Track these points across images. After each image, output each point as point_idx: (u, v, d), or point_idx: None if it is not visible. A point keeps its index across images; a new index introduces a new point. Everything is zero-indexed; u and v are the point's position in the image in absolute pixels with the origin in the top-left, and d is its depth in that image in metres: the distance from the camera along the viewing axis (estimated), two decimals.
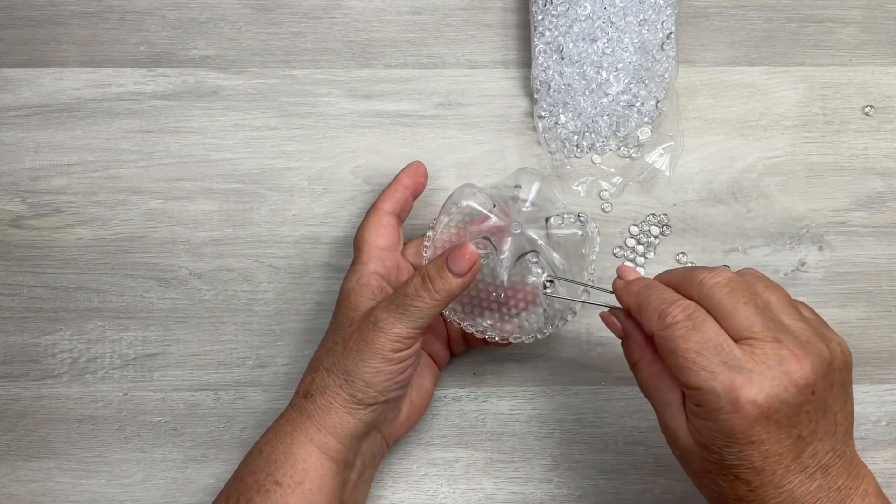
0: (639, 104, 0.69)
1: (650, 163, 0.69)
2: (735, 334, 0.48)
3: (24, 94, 0.71)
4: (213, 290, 0.68)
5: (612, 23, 0.68)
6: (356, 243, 0.61)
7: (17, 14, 0.72)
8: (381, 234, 0.61)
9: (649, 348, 0.52)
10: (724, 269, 0.51)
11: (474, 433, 0.66)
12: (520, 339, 0.60)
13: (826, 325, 0.51)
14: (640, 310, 0.51)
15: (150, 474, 0.65)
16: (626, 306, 0.53)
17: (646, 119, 0.69)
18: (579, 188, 0.69)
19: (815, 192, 0.70)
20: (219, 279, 0.68)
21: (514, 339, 0.60)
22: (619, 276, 0.55)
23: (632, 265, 0.68)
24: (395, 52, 0.72)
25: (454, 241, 0.60)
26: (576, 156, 0.70)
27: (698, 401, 0.47)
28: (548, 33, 0.69)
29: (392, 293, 0.56)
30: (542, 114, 0.69)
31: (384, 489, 0.65)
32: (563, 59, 0.68)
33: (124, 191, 0.69)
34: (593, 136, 0.69)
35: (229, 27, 0.72)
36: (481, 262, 0.57)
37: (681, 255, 0.68)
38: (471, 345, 0.65)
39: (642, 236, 0.69)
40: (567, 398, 0.66)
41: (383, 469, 0.65)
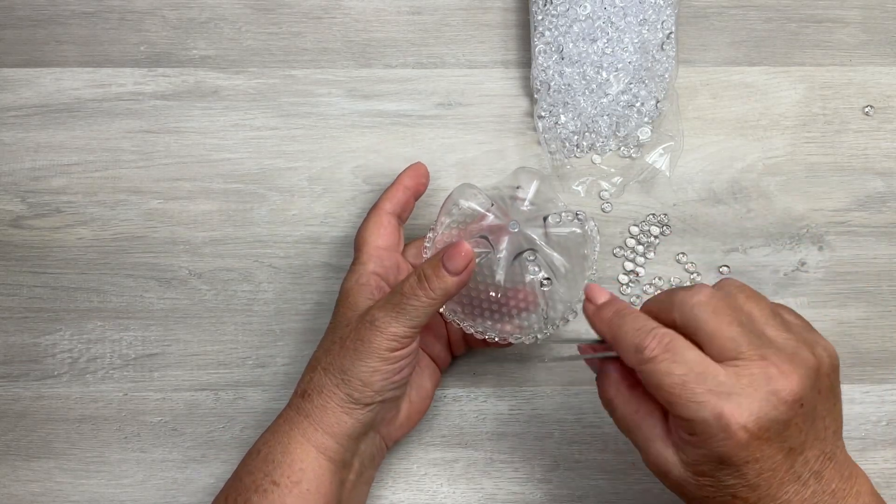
0: (639, 104, 0.69)
1: (650, 163, 0.69)
2: (720, 356, 0.47)
3: (24, 94, 0.71)
4: (213, 290, 0.68)
5: (612, 23, 0.68)
6: (356, 243, 0.61)
7: (17, 14, 0.72)
8: (381, 234, 0.61)
9: (624, 384, 0.51)
10: (703, 286, 0.50)
11: (474, 433, 0.66)
12: (520, 340, 0.60)
13: (811, 328, 0.51)
14: (615, 341, 0.50)
15: (150, 474, 0.65)
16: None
17: (646, 119, 0.69)
18: (579, 188, 0.69)
19: (815, 192, 0.70)
20: (219, 279, 0.68)
21: (514, 340, 0.60)
22: (588, 297, 0.53)
23: (630, 266, 0.68)
24: (395, 52, 0.72)
25: (454, 240, 0.59)
26: (576, 156, 0.70)
27: (690, 430, 0.47)
28: (548, 33, 0.69)
29: (389, 292, 0.56)
30: (542, 114, 0.69)
31: (384, 489, 0.65)
32: (563, 59, 0.68)
33: (124, 191, 0.69)
34: (593, 136, 0.69)
35: (229, 27, 0.72)
36: (479, 262, 0.57)
37: (681, 255, 0.68)
38: (471, 346, 0.65)
39: (642, 236, 0.69)
40: (567, 398, 0.66)
41: (383, 469, 0.65)
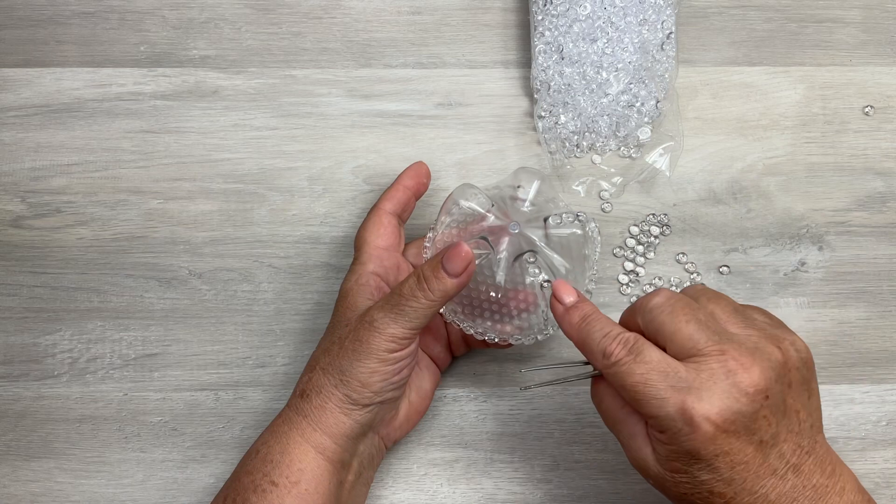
0: (639, 104, 0.69)
1: (650, 163, 0.69)
2: (681, 353, 0.48)
3: (24, 94, 0.71)
4: (213, 290, 0.68)
5: (612, 23, 0.68)
6: (356, 243, 0.61)
7: (17, 14, 0.72)
8: (381, 234, 0.61)
9: (607, 382, 0.52)
10: (663, 289, 0.51)
11: (474, 433, 0.66)
12: (520, 341, 0.60)
13: (781, 325, 0.51)
14: (583, 347, 0.52)
15: (150, 474, 0.65)
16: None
17: (646, 119, 0.69)
18: (579, 188, 0.69)
19: (815, 192, 0.70)
20: (219, 279, 0.68)
21: (514, 341, 0.60)
22: (555, 295, 0.54)
23: (630, 266, 0.68)
24: (395, 52, 0.72)
25: (454, 241, 0.59)
26: (576, 156, 0.70)
27: (658, 427, 0.48)
28: (548, 33, 0.69)
29: (388, 293, 0.56)
30: (542, 114, 0.69)
31: (384, 489, 0.65)
32: (563, 59, 0.68)
33: (124, 191, 0.69)
34: (593, 136, 0.69)
35: (229, 27, 0.72)
36: (479, 263, 0.57)
37: (681, 255, 0.68)
38: (471, 346, 0.65)
39: (642, 236, 0.69)
40: (567, 398, 0.66)
41: (383, 469, 0.65)
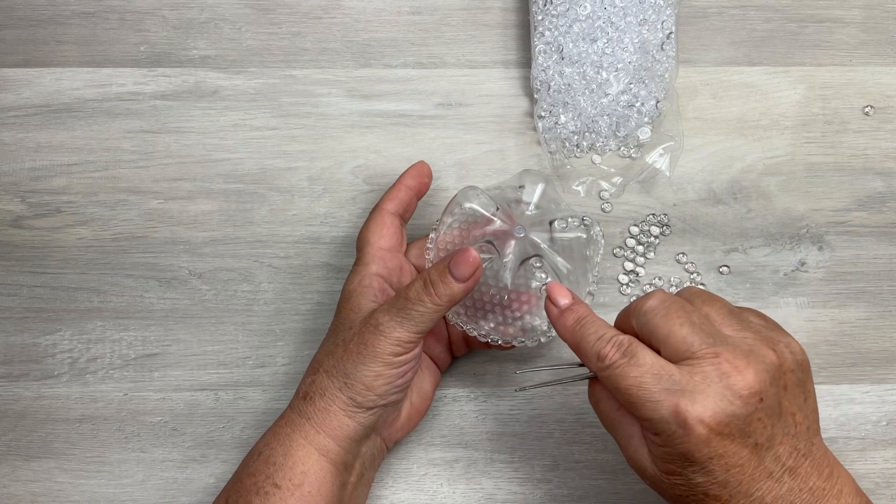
0: (639, 104, 0.69)
1: (650, 163, 0.69)
2: (675, 356, 0.48)
3: (24, 94, 0.71)
4: (213, 290, 0.68)
5: (612, 23, 0.68)
6: (358, 244, 0.61)
7: (17, 14, 0.72)
8: (383, 234, 0.61)
9: (603, 384, 0.52)
10: (658, 291, 0.51)
11: (474, 433, 0.66)
12: (523, 343, 0.60)
13: (777, 327, 0.51)
14: (577, 349, 0.52)
15: (150, 474, 0.65)
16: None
17: (646, 119, 0.69)
18: (579, 188, 0.69)
19: (815, 192, 0.70)
20: (219, 279, 0.68)
21: (517, 343, 0.60)
22: (549, 297, 0.54)
23: (630, 266, 0.68)
24: (395, 52, 0.72)
25: (457, 242, 0.59)
26: (576, 156, 0.70)
27: (653, 430, 0.48)
28: (548, 33, 0.69)
29: (394, 296, 0.56)
30: (542, 114, 0.69)
31: (384, 489, 0.65)
32: (563, 59, 0.68)
33: (124, 191, 0.69)
34: (593, 136, 0.69)
35: (229, 27, 0.72)
36: (484, 267, 0.57)
37: (681, 255, 0.68)
38: (472, 347, 0.65)
39: (642, 236, 0.69)
40: (567, 398, 0.66)
41: (383, 469, 0.65)
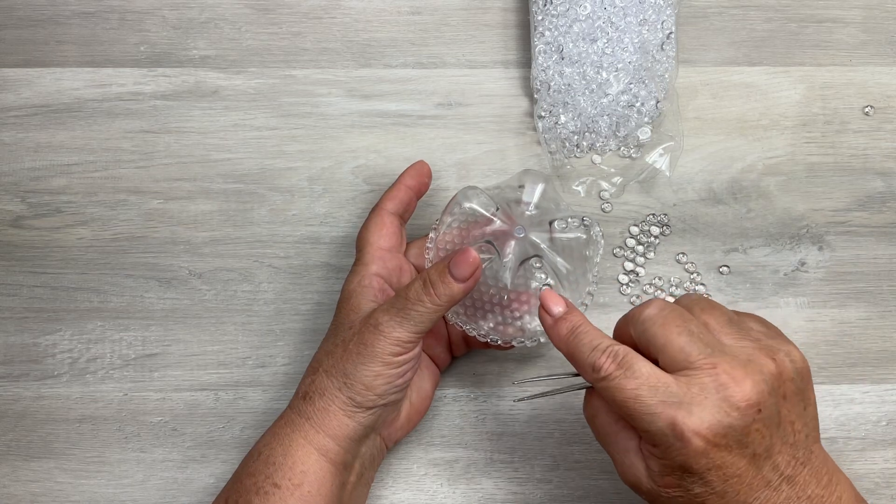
0: (639, 104, 0.69)
1: (650, 163, 0.69)
2: (672, 366, 0.48)
3: (24, 94, 0.71)
4: (213, 290, 0.68)
5: (612, 23, 0.68)
6: (358, 244, 0.61)
7: (17, 14, 0.72)
8: (383, 234, 0.61)
9: (601, 396, 0.52)
10: (656, 300, 0.51)
11: (474, 433, 0.66)
12: (522, 343, 0.60)
13: (778, 335, 0.51)
14: (572, 359, 0.51)
15: (150, 474, 0.65)
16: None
17: (646, 119, 0.69)
18: (579, 188, 0.69)
19: (815, 192, 0.70)
20: (219, 279, 0.68)
21: (516, 343, 0.60)
22: (543, 305, 0.53)
23: (630, 266, 0.68)
24: (395, 52, 0.72)
25: (456, 242, 0.59)
26: (576, 156, 0.70)
27: (651, 441, 0.48)
28: (548, 33, 0.69)
29: (393, 296, 0.56)
30: (542, 114, 0.69)
31: (384, 489, 0.65)
32: (563, 59, 0.68)
33: (124, 191, 0.69)
34: (593, 136, 0.69)
35: (229, 27, 0.72)
36: (484, 267, 0.57)
37: (681, 255, 0.68)
38: (472, 347, 0.65)
39: (642, 236, 0.69)
40: (567, 398, 0.66)
41: (383, 469, 0.65)
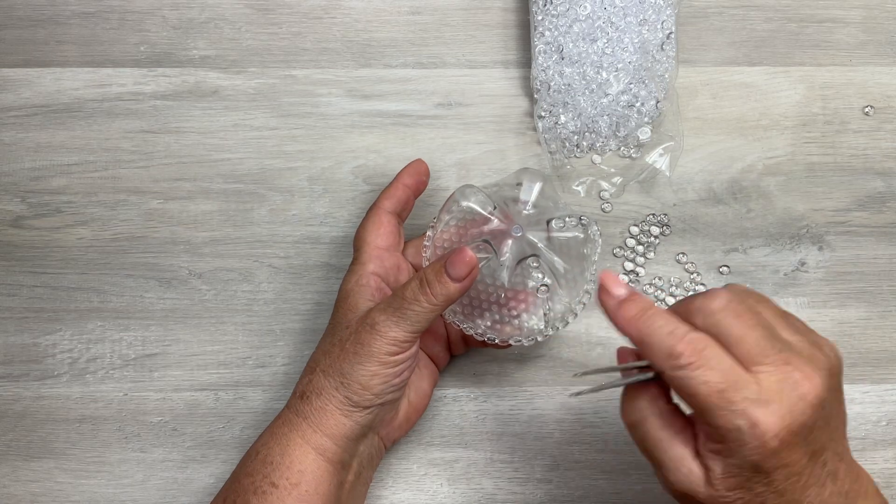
0: (639, 104, 0.69)
1: (650, 163, 0.69)
2: (747, 361, 0.46)
3: (24, 94, 0.71)
4: (213, 290, 0.68)
5: (612, 23, 0.68)
6: (356, 243, 0.61)
7: (17, 14, 0.72)
8: (380, 233, 0.61)
9: (662, 400, 0.49)
10: (719, 291, 0.48)
11: (474, 433, 0.66)
12: (520, 342, 0.60)
13: (811, 329, 0.50)
14: (643, 343, 0.48)
15: (150, 474, 0.65)
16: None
17: (646, 119, 0.69)
18: (579, 188, 0.69)
19: (815, 192, 0.70)
20: (219, 279, 0.68)
21: (514, 342, 0.60)
22: (604, 285, 0.49)
23: (630, 266, 0.68)
24: (395, 52, 0.72)
25: (454, 240, 0.59)
26: (576, 156, 0.70)
27: (719, 439, 0.46)
28: (548, 33, 0.69)
29: (390, 296, 0.56)
30: (542, 114, 0.69)
31: (384, 489, 0.65)
32: (563, 59, 0.68)
33: (124, 191, 0.69)
34: (593, 136, 0.69)
35: (229, 27, 0.72)
36: (481, 265, 0.57)
37: (681, 255, 0.68)
38: (470, 346, 0.65)
39: (642, 236, 0.69)
40: (567, 398, 0.66)
41: (383, 469, 0.65)
